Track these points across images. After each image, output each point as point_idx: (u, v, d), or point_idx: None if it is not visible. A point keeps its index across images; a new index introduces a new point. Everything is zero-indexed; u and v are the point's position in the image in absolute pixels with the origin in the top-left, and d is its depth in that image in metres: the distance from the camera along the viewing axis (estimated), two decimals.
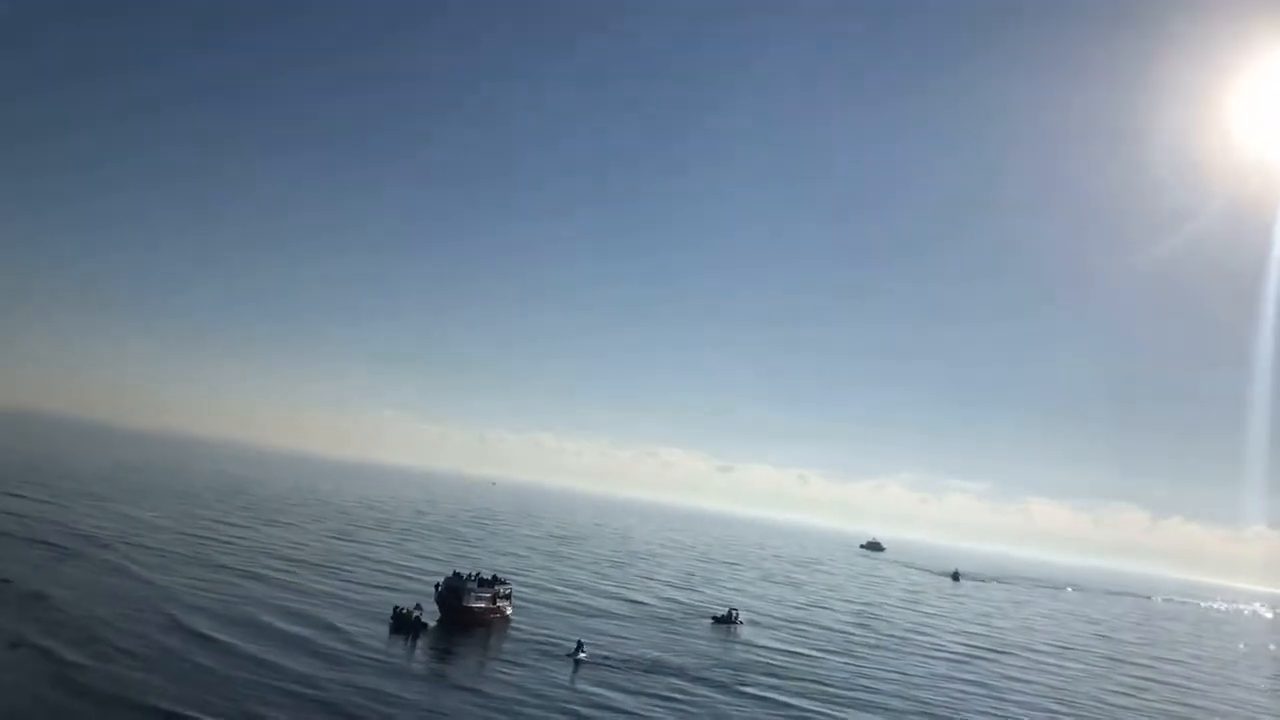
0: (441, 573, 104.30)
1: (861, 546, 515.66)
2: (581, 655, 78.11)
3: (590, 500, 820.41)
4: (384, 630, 79.37)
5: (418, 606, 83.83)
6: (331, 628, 77.00)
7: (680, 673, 77.86)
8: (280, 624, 75.40)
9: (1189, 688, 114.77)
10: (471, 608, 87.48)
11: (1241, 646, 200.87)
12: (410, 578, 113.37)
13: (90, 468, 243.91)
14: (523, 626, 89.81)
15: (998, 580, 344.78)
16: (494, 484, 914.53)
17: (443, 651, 76.03)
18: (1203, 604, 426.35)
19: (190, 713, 47.75)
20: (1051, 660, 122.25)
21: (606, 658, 79.48)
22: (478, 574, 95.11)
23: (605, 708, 63.15)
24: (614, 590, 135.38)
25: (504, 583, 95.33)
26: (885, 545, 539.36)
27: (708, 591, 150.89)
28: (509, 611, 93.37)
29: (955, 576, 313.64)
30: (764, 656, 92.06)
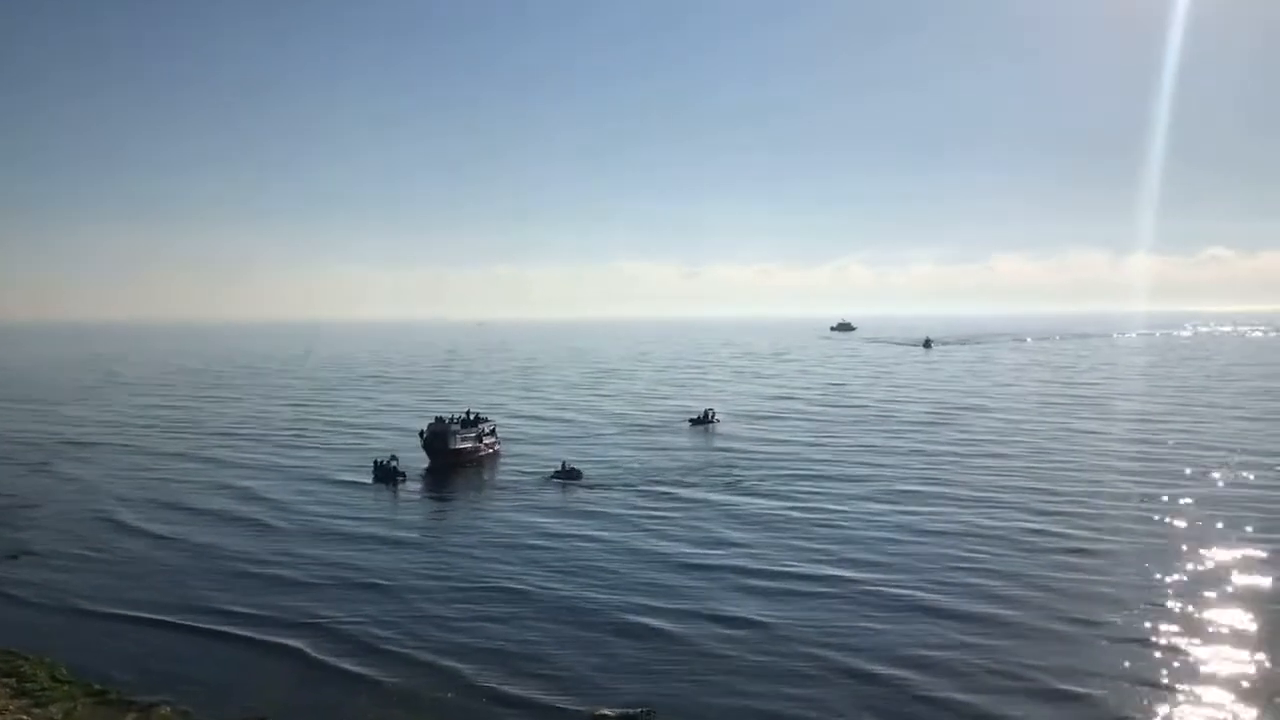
0: (418, 419, 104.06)
1: (832, 329, 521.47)
2: (569, 474, 78.53)
3: (561, 327, 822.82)
4: (364, 485, 78.92)
5: (393, 457, 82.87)
6: (308, 490, 76.90)
7: (665, 476, 78.97)
8: (230, 504, 74.78)
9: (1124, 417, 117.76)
10: (459, 449, 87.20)
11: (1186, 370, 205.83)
12: (385, 430, 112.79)
13: (72, 361, 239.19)
14: (510, 460, 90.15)
15: (970, 341, 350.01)
16: (480, 325, 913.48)
17: (435, 497, 75.92)
18: (1174, 333, 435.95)
19: (140, 613, 45.79)
20: (1013, 412, 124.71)
21: (594, 474, 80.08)
22: (465, 413, 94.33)
23: (604, 517, 64.05)
24: (592, 409, 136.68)
25: (487, 420, 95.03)
26: (856, 325, 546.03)
27: (683, 396, 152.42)
28: (497, 447, 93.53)
29: (927, 344, 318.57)
30: (742, 449, 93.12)
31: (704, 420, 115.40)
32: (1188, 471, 76.21)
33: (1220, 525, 58.29)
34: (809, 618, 42.89)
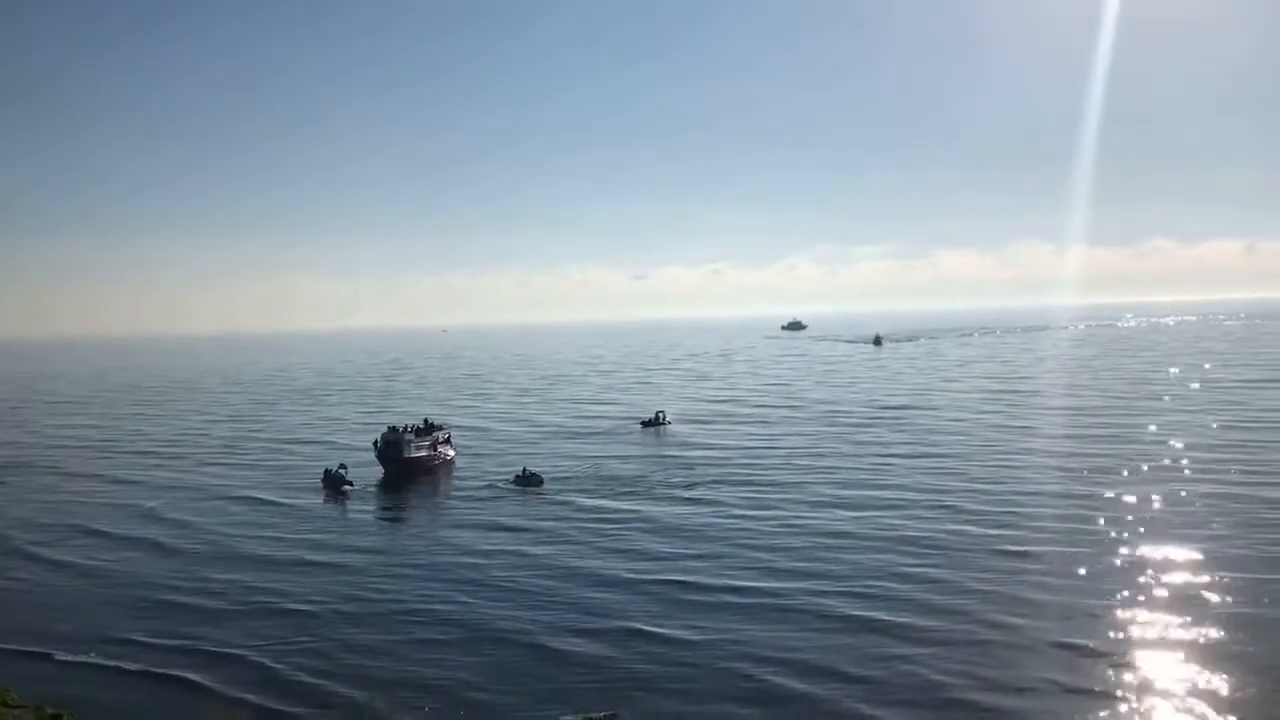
0: (370, 429, 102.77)
1: (783, 328, 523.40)
2: (528, 479, 78.44)
3: (513, 332, 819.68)
4: (316, 496, 78.05)
5: (341, 466, 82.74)
6: (264, 500, 75.08)
7: (614, 482, 78.91)
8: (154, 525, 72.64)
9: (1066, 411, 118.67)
10: (413, 458, 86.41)
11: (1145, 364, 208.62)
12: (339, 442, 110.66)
13: None
14: (465, 468, 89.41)
15: (919, 338, 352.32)
16: (444, 331, 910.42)
17: (382, 510, 74.75)
18: (1116, 324, 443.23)
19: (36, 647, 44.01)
20: (955, 410, 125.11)
21: (551, 477, 79.97)
22: (423, 420, 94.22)
23: (544, 530, 62.85)
24: (544, 414, 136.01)
25: (441, 428, 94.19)
26: (806, 323, 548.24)
27: (633, 399, 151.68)
28: (451, 455, 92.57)
29: (877, 341, 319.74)
30: (689, 453, 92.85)
31: (655, 423, 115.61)
32: (1123, 470, 76.50)
33: (1155, 525, 58.43)
34: (735, 632, 42.12)
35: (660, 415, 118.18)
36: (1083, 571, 49.01)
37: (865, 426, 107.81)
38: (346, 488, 79.66)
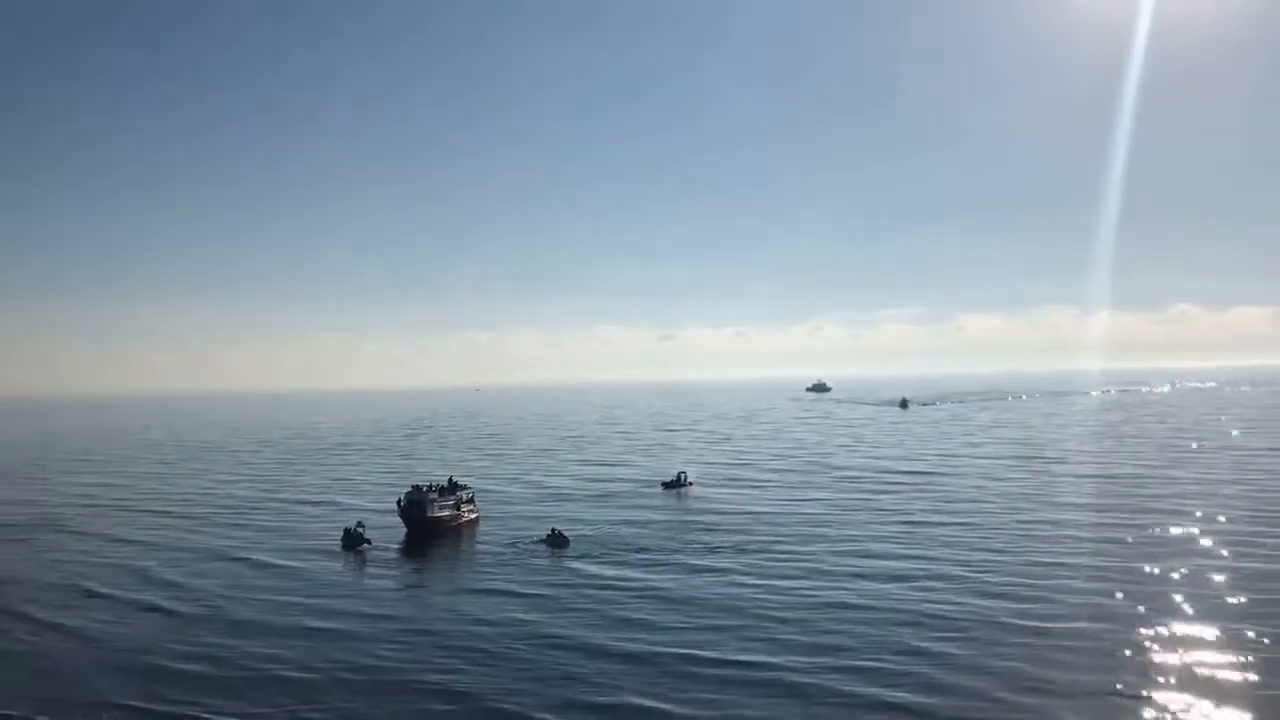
0: (392, 489, 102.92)
1: (808, 389, 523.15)
2: (557, 540, 78.44)
3: (540, 392, 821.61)
4: (331, 558, 77.58)
5: (359, 524, 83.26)
6: (270, 564, 74.31)
7: (633, 544, 78.38)
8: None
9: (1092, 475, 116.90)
10: (437, 518, 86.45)
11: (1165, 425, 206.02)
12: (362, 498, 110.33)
13: (20, 441, 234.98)
14: (487, 529, 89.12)
15: (944, 401, 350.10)
16: (478, 390, 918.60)
17: (400, 571, 73.77)
18: (1143, 389, 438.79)
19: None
20: (978, 476, 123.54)
21: (573, 538, 79.78)
22: (447, 480, 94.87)
23: (556, 599, 61.59)
24: (566, 474, 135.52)
25: (464, 487, 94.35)
26: (830, 385, 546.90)
27: (656, 459, 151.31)
28: (474, 515, 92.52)
29: (903, 404, 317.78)
30: (709, 517, 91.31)
31: (677, 484, 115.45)
32: (1148, 542, 74.66)
33: (1181, 600, 56.57)
34: (734, 709, 40.86)
35: (682, 476, 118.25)
36: (1105, 650, 47.19)
37: (887, 491, 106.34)
38: (365, 546, 79.91)
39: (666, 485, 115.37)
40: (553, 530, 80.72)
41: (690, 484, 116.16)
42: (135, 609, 62.22)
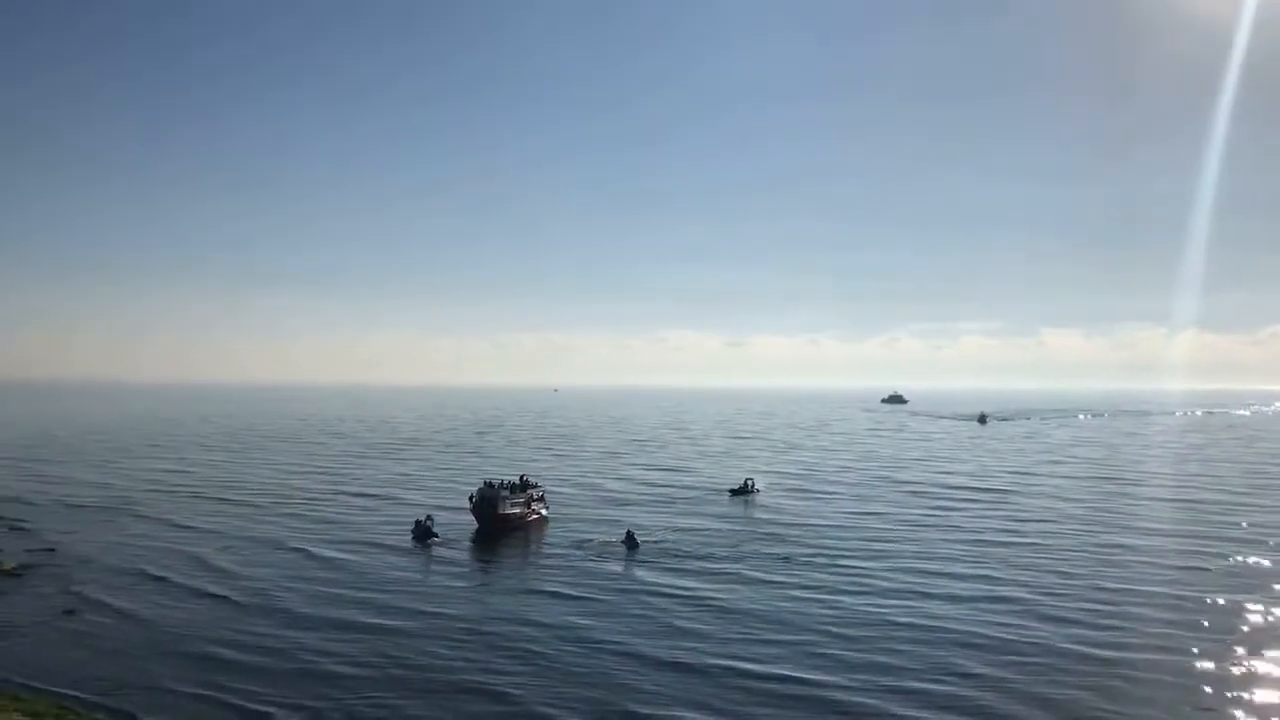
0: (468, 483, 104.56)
1: (883, 401, 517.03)
2: (637, 543, 79.61)
3: (610, 394, 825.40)
4: (394, 553, 78.50)
5: (429, 517, 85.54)
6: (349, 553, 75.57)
7: (696, 550, 78.51)
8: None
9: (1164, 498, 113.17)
10: (507, 514, 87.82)
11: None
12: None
13: (100, 424, 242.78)
14: (555, 528, 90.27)
15: (1024, 417, 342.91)
16: (555, 391, 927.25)
17: (466, 566, 74.90)
18: (1231, 412, 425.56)
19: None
20: (1054, 495, 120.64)
21: (646, 543, 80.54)
22: (519, 477, 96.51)
23: (652, 595, 63.05)
24: (640, 476, 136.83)
25: (536, 485, 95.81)
26: (907, 397, 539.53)
27: (724, 465, 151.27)
28: (544, 513, 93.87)
29: (982, 419, 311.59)
30: (774, 527, 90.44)
31: (744, 491, 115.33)
32: (1228, 570, 72.13)
33: (1259, 634, 54.55)
34: None
35: (750, 483, 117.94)
36: (1172, 684, 45.47)
37: (957, 508, 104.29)
38: (433, 540, 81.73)
39: (734, 492, 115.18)
40: (628, 532, 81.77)
41: (758, 491, 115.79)
42: (193, 595, 63.57)
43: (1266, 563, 74.66)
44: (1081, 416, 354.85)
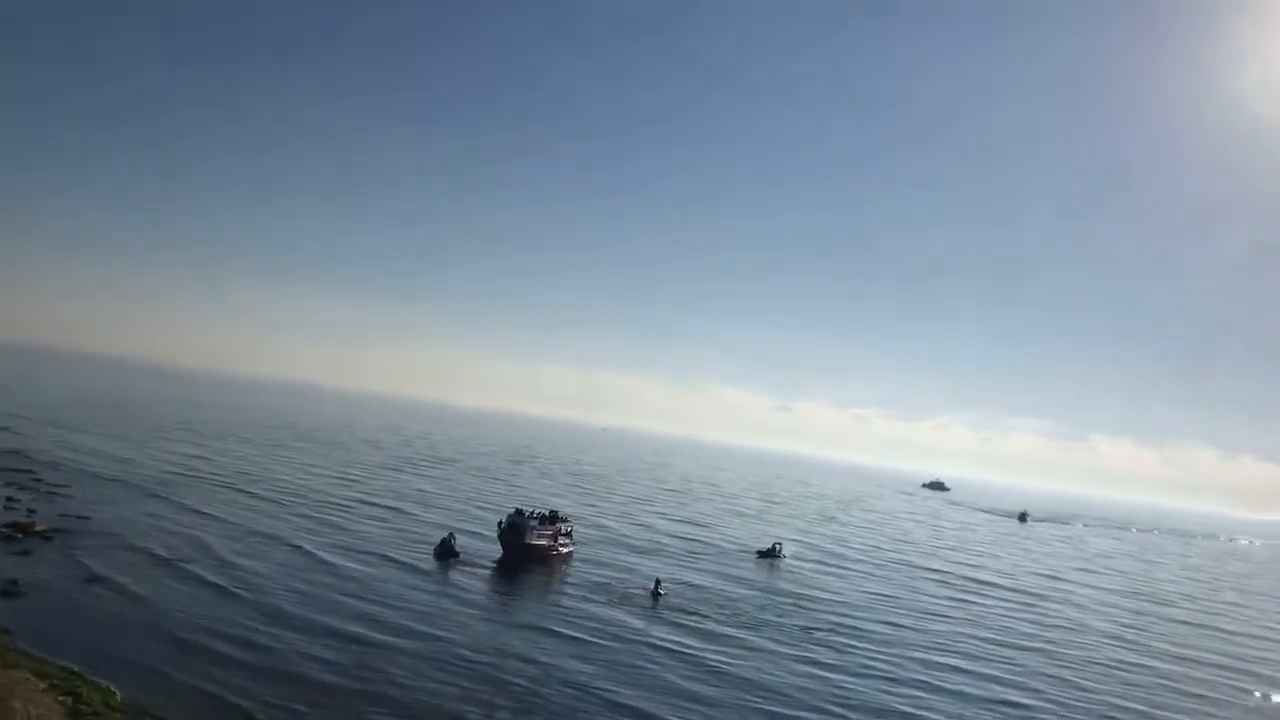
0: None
1: (924, 485, 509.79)
2: (661, 593, 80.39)
3: (654, 439, 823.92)
4: (411, 571, 79.17)
5: (451, 535, 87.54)
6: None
7: (715, 611, 78.36)
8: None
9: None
10: (533, 544, 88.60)
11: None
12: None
13: (160, 409, 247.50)
14: (580, 565, 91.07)
15: (1066, 521, 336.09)
16: (604, 430, 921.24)
17: (482, 590, 76.17)
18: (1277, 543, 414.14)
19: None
20: (1084, 608, 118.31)
21: (666, 596, 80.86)
22: (549, 510, 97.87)
23: (657, 649, 63.33)
24: (669, 527, 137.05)
25: (565, 520, 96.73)
26: (949, 485, 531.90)
27: (755, 526, 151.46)
28: (570, 548, 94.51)
29: (1022, 518, 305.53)
30: (796, 597, 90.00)
31: (771, 554, 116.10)
32: (1248, 702, 70.56)
33: None
34: None
35: (777, 547, 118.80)
36: None
37: (978, 603, 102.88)
38: (454, 560, 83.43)
39: (761, 554, 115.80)
40: (657, 580, 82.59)
41: (784, 555, 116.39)
42: (203, 584, 64.70)
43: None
44: (1129, 530, 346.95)
